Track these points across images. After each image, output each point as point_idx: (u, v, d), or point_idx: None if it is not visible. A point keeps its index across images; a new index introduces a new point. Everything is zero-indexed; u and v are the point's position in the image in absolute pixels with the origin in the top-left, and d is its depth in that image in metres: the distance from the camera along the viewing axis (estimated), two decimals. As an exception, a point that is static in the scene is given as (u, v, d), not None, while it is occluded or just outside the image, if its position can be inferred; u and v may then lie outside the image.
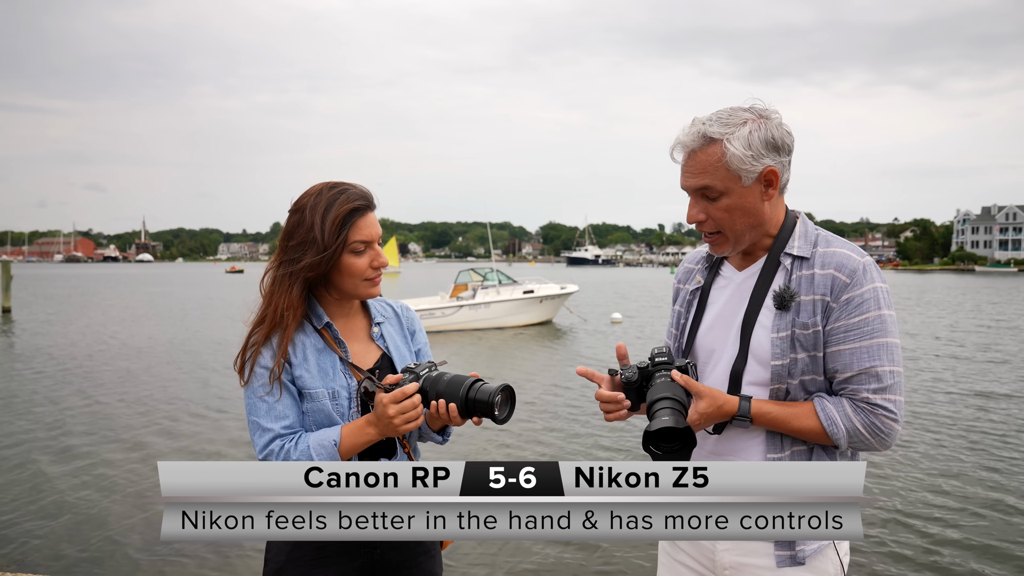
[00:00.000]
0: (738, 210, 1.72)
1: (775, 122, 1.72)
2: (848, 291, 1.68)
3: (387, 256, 9.89)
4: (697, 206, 1.76)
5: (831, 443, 1.69)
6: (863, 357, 1.67)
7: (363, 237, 1.86)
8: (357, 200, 1.86)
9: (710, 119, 1.71)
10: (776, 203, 1.78)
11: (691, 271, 1.99)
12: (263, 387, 1.84)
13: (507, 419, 1.76)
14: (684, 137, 1.74)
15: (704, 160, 1.70)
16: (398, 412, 1.74)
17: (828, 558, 1.75)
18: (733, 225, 1.74)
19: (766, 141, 1.69)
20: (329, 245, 1.82)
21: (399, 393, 1.75)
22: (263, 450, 1.82)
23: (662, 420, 1.54)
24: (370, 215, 1.89)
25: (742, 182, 1.70)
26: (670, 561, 1.97)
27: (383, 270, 1.94)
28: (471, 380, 1.77)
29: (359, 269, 1.87)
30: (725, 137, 1.67)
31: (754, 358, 1.74)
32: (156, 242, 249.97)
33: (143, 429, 9.56)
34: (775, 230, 1.80)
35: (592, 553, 5.61)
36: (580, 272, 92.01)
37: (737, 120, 1.69)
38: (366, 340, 1.99)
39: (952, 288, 48.59)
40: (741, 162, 1.67)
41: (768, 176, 1.71)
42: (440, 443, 2.01)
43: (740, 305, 1.80)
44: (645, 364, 1.76)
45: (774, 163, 1.71)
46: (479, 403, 1.73)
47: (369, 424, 1.80)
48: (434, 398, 1.77)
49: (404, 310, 2.13)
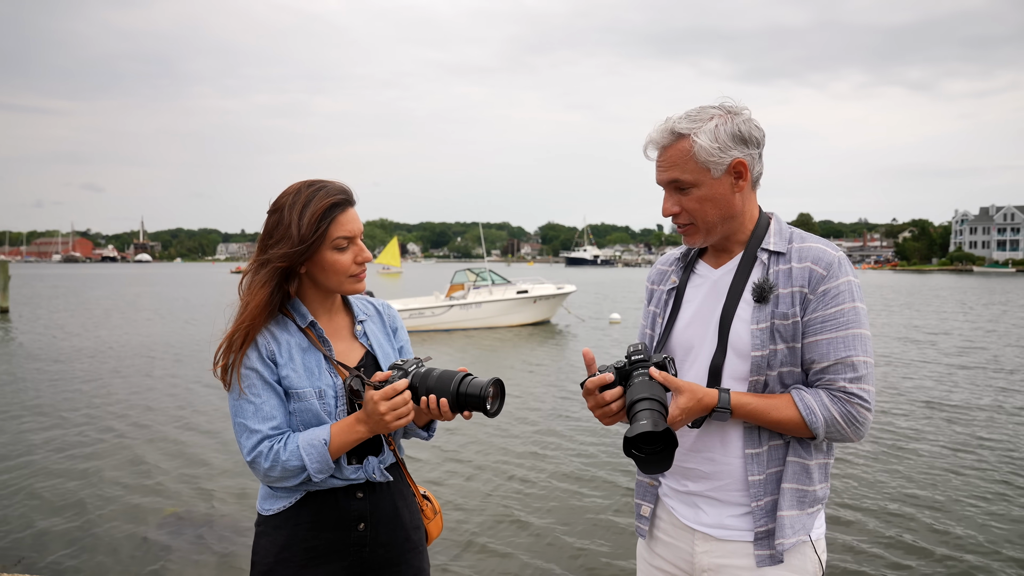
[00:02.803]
0: (709, 201, 1.77)
1: (743, 117, 1.78)
2: (825, 283, 1.72)
3: (389, 256, 10.02)
4: (671, 199, 1.82)
5: (809, 434, 1.72)
6: (839, 347, 1.70)
7: (345, 233, 1.84)
8: (336, 195, 1.84)
9: (679, 117, 1.78)
10: (748, 197, 1.82)
11: (665, 272, 2.02)
12: (248, 388, 1.81)
13: (498, 412, 1.77)
14: (655, 135, 1.80)
15: (674, 155, 1.77)
16: (389, 409, 1.75)
17: (807, 556, 1.77)
18: (705, 216, 1.79)
19: (732, 134, 1.75)
20: (306, 238, 1.80)
21: (389, 390, 1.75)
22: (251, 452, 1.80)
23: (640, 425, 1.53)
24: (351, 211, 1.87)
25: (711, 174, 1.75)
26: (648, 567, 1.98)
27: (387, 270, 1.94)
28: (461, 375, 1.77)
29: (343, 266, 1.86)
30: (692, 132, 1.74)
31: (733, 351, 1.76)
32: (154, 242, 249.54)
33: (143, 429, 9.57)
34: (750, 224, 1.84)
35: (576, 560, 5.63)
36: (579, 272, 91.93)
37: (704, 116, 1.76)
38: (349, 338, 1.99)
39: (951, 288, 48.61)
40: (709, 154, 1.73)
41: (737, 168, 1.77)
42: (425, 439, 2.02)
43: (717, 301, 1.82)
44: (622, 363, 1.74)
45: (743, 155, 1.76)
46: (471, 397, 1.73)
47: (359, 422, 1.80)
48: (424, 393, 1.77)
49: (385, 308, 2.12)
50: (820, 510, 1.81)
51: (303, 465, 1.78)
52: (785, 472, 1.75)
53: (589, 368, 1.78)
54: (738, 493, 1.78)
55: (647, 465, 1.57)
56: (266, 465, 1.79)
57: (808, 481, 1.76)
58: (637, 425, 1.54)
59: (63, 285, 54.19)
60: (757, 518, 1.75)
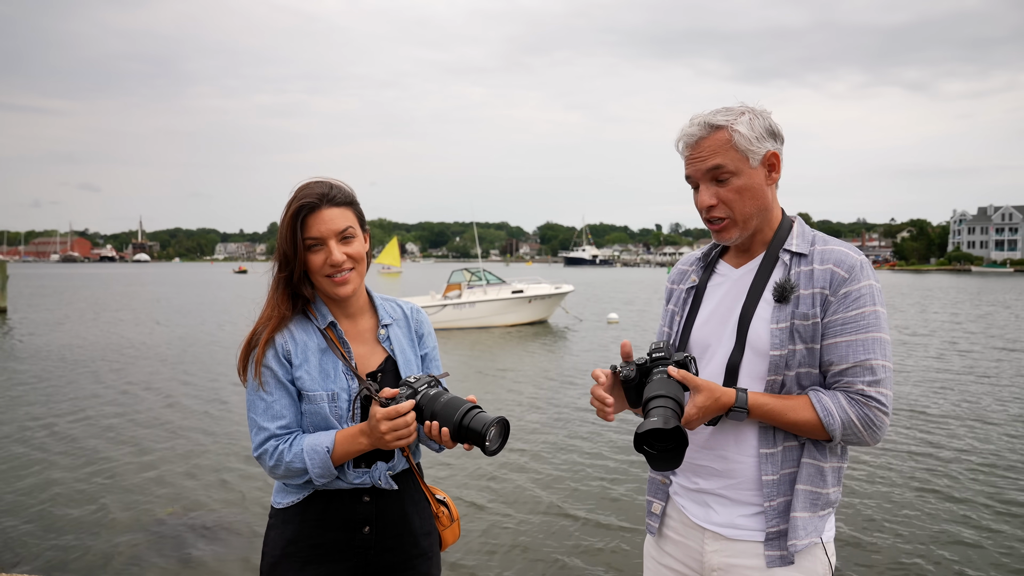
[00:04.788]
0: (748, 191, 1.77)
1: (768, 115, 1.82)
2: (846, 285, 1.71)
3: (389, 256, 10.02)
4: (708, 191, 1.80)
5: (825, 436, 1.70)
6: (859, 350, 1.69)
7: (312, 234, 1.84)
8: (305, 198, 1.84)
9: (710, 112, 1.81)
10: (774, 194, 1.85)
11: (685, 272, 2.02)
12: (263, 385, 1.85)
13: (498, 452, 1.74)
14: (689, 128, 1.81)
15: (713, 143, 1.77)
16: (390, 429, 1.74)
17: (817, 557, 1.75)
18: (743, 207, 1.78)
19: (765, 127, 1.78)
20: (288, 245, 1.85)
21: (393, 411, 1.74)
22: (258, 448, 1.85)
23: (651, 421, 1.54)
24: (322, 212, 1.84)
25: (750, 163, 1.76)
26: (656, 565, 1.97)
27: (387, 270, 1.93)
28: (468, 406, 1.74)
29: (316, 266, 1.86)
30: (729, 123, 1.76)
31: (752, 350, 1.75)
32: (153, 242, 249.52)
33: (142, 428, 9.54)
34: (775, 223, 1.85)
35: (594, 556, 5.62)
36: (577, 272, 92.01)
37: (736, 111, 1.79)
38: (372, 342, 1.97)
39: (946, 288, 48.69)
40: (748, 143, 1.75)
41: (771, 160, 1.79)
42: (437, 451, 1.97)
43: (737, 300, 1.82)
44: (644, 360, 1.75)
45: (774, 148, 1.80)
46: (472, 432, 1.72)
47: (362, 434, 1.80)
48: (428, 418, 1.76)
49: (414, 312, 2.09)
50: (831, 513, 1.80)
51: (305, 468, 1.81)
52: (799, 473, 1.74)
53: (625, 359, 1.78)
54: (750, 493, 1.77)
55: (657, 462, 1.58)
56: (270, 463, 1.84)
57: (822, 483, 1.75)
58: (648, 421, 1.55)
59: (62, 285, 54.14)
60: (769, 518, 1.74)
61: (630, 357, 1.78)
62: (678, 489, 1.92)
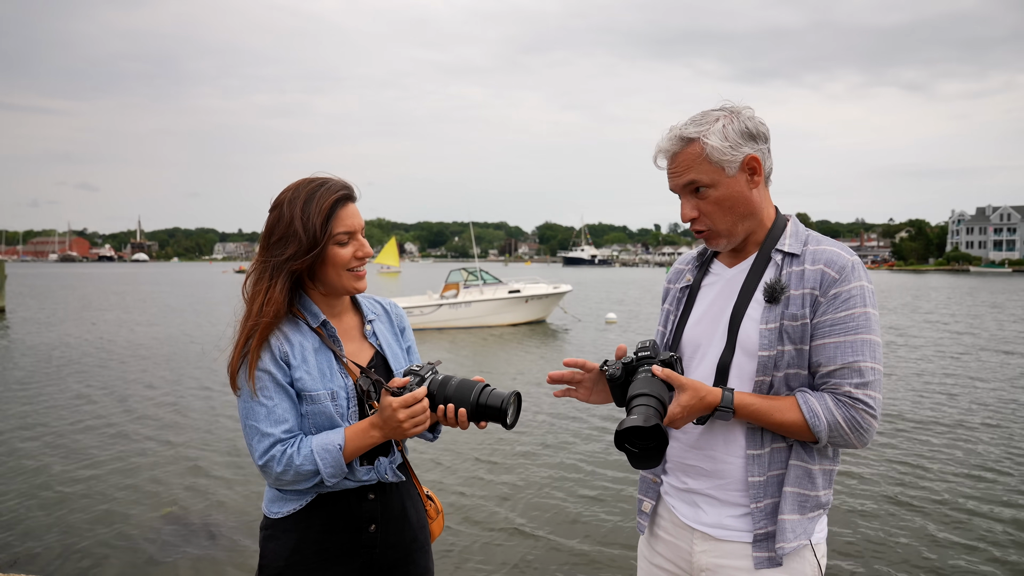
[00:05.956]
0: (727, 201, 1.77)
1: (746, 115, 1.78)
2: (836, 286, 1.70)
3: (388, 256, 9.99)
4: (688, 204, 1.81)
5: (811, 438, 1.70)
6: (847, 351, 1.68)
7: (346, 228, 1.84)
8: (339, 191, 1.85)
9: (685, 123, 1.79)
10: (764, 194, 1.82)
11: (681, 271, 2.03)
12: (261, 390, 1.79)
13: (515, 424, 1.80)
14: (664, 143, 1.80)
15: (686, 158, 1.76)
16: (408, 416, 1.74)
17: (806, 560, 1.75)
18: (723, 217, 1.78)
19: (740, 131, 1.75)
20: (319, 239, 1.80)
21: (409, 398, 1.75)
22: (263, 456, 1.77)
23: (631, 419, 1.55)
24: (351, 206, 1.88)
25: (726, 172, 1.75)
26: (648, 565, 1.98)
27: (386, 269, 1.94)
28: (481, 385, 1.79)
29: (343, 259, 1.85)
30: (701, 135, 1.74)
31: (741, 349, 1.75)
32: (151, 242, 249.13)
33: (140, 428, 9.54)
34: (768, 223, 1.84)
35: (589, 555, 5.63)
36: (576, 272, 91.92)
37: (710, 119, 1.76)
38: (359, 339, 1.98)
39: (946, 288, 48.69)
40: (721, 153, 1.73)
41: (750, 164, 1.77)
42: (431, 440, 2.01)
43: (729, 300, 1.82)
44: (630, 359, 1.77)
45: (753, 151, 1.76)
46: (491, 409, 1.76)
47: (373, 427, 1.79)
48: (442, 402, 1.78)
49: (393, 307, 2.13)
50: (822, 515, 1.80)
51: (317, 470, 1.77)
52: (788, 475, 1.73)
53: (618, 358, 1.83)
54: (738, 493, 1.77)
55: (638, 460, 1.59)
56: (279, 469, 1.76)
57: (811, 486, 1.75)
58: (628, 419, 1.56)
59: (61, 284, 54.04)
60: (756, 520, 1.74)
61: (623, 357, 1.81)
62: (668, 488, 1.92)
